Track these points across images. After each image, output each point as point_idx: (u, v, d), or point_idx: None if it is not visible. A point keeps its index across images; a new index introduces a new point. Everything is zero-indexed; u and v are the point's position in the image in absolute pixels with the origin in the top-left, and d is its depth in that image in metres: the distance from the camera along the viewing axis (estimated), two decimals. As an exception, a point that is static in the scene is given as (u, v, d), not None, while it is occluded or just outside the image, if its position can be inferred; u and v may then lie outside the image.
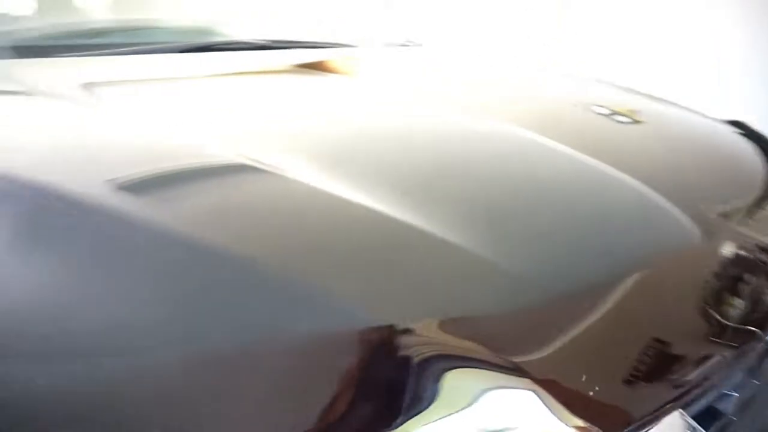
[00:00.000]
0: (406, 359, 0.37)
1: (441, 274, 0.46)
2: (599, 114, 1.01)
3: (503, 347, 0.39)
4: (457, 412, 0.35)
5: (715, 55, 3.00)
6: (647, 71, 3.19)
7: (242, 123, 0.77)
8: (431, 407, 0.35)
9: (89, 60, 1.02)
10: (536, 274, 0.47)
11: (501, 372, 0.38)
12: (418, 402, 0.35)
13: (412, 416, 0.35)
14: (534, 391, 0.37)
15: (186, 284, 0.41)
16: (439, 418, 0.35)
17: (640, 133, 0.96)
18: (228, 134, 0.68)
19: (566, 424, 0.36)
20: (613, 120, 1.00)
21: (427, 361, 0.38)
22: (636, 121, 1.01)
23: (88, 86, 0.85)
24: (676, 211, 0.61)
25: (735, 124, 1.07)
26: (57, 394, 0.36)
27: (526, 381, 0.38)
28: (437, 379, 0.37)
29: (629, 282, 0.49)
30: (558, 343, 0.40)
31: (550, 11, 3.70)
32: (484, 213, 0.56)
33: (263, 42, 1.29)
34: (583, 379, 0.39)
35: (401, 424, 0.35)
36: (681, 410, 0.42)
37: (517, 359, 0.39)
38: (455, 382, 0.37)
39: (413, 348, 0.38)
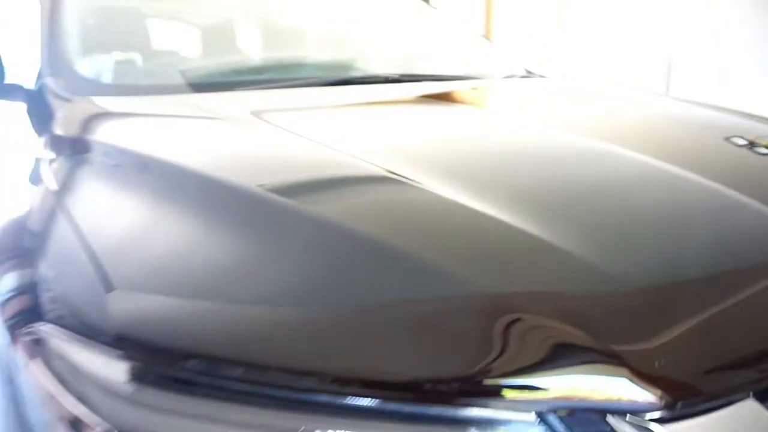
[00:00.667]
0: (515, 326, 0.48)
1: (546, 274, 0.55)
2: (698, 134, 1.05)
3: (596, 329, 0.47)
4: (549, 374, 0.44)
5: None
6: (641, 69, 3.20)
7: (381, 143, 0.91)
8: (530, 364, 0.44)
9: (254, 93, 1.24)
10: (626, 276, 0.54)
11: (593, 348, 0.46)
12: (520, 359, 0.45)
13: (511, 371, 0.44)
14: (619, 366, 0.44)
15: (354, 260, 0.55)
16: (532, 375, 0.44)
17: (732, 149, 0.98)
18: (371, 151, 0.82)
19: (645, 394, 0.43)
20: (710, 139, 1.04)
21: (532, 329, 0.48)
22: (726, 139, 1.03)
23: (256, 113, 1.04)
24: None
25: None
26: (255, 333, 0.49)
27: (614, 359, 0.45)
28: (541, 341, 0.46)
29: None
30: (645, 329, 0.47)
31: (550, 13, 3.78)
32: (587, 220, 0.65)
33: (395, 76, 1.45)
34: (661, 361, 0.45)
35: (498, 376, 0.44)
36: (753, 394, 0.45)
37: (607, 340, 0.46)
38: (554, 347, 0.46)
39: (522, 320, 0.48)
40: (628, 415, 0.43)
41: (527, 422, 0.44)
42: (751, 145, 1.01)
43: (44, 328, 0.54)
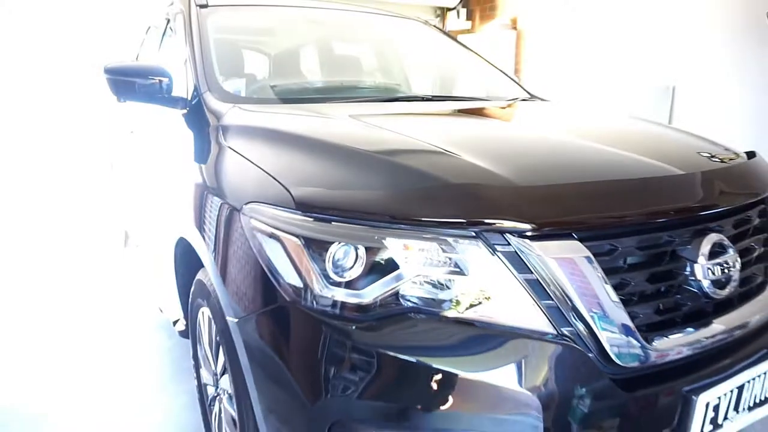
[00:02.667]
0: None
1: (485, 176, 1.13)
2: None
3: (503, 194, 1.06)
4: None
5: None
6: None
7: (429, 133, 1.50)
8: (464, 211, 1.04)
9: (344, 104, 1.87)
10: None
11: (501, 200, 1.04)
12: (467, 207, 1.04)
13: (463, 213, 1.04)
14: (513, 212, 1.03)
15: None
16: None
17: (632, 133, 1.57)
18: (423, 135, 1.41)
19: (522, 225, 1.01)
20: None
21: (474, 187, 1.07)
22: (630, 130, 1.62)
23: (353, 115, 1.64)
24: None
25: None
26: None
27: (510, 207, 1.04)
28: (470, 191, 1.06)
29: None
30: (527, 195, 1.06)
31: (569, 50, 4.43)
32: (524, 160, 1.23)
33: (429, 96, 2.09)
34: (529, 209, 1.04)
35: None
36: (576, 235, 1.03)
37: (506, 198, 1.05)
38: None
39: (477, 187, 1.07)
40: (512, 234, 1.02)
41: (471, 237, 1.03)
42: (642, 133, 1.60)
43: (254, 206, 1.17)
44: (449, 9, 6.20)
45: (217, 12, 2.28)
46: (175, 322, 2.06)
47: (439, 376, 0.97)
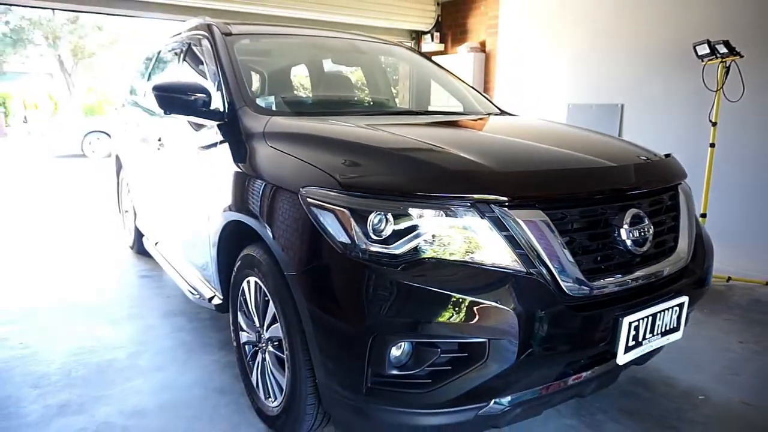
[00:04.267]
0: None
1: (471, 163, 1.60)
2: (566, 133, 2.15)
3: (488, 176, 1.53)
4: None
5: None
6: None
7: (429, 136, 1.96)
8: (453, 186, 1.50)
9: (356, 117, 2.33)
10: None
11: (487, 177, 1.51)
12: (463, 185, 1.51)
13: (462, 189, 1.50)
14: (493, 188, 1.50)
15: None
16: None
17: (581, 138, 2.08)
18: (425, 138, 1.87)
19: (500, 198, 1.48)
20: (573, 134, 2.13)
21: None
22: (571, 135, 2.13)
23: (369, 125, 2.10)
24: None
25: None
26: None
27: (492, 184, 1.51)
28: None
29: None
30: (503, 176, 1.53)
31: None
32: (501, 155, 1.71)
33: (418, 111, 2.57)
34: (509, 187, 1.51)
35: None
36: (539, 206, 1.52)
37: (491, 179, 1.52)
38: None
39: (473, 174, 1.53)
40: (495, 204, 1.49)
41: (467, 207, 1.49)
42: (582, 139, 2.11)
43: (310, 189, 1.61)
44: (424, 33, 6.76)
45: (240, 39, 2.72)
46: (210, 299, 2.45)
47: (446, 299, 1.41)
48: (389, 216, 1.48)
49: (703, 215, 3.75)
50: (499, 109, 3.04)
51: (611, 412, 2.18)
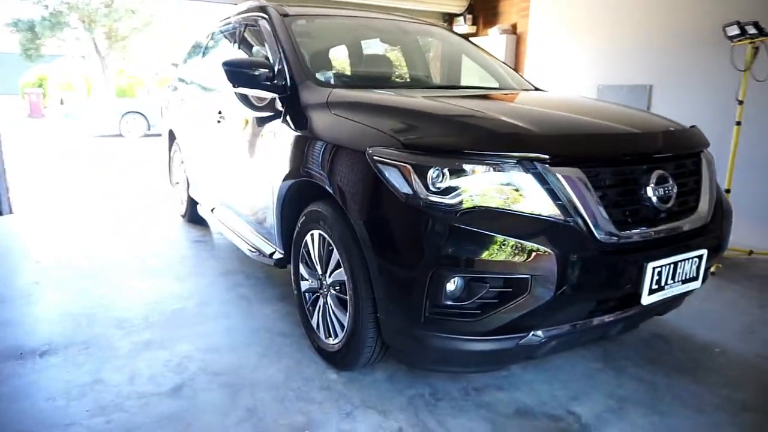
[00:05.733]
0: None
1: (521, 128, 1.83)
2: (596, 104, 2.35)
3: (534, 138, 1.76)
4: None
5: None
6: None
7: (480, 106, 2.19)
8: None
9: (406, 90, 2.58)
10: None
11: (533, 139, 1.74)
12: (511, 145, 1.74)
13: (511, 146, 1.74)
14: (536, 146, 1.73)
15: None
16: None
17: (612, 110, 2.28)
18: (476, 107, 2.11)
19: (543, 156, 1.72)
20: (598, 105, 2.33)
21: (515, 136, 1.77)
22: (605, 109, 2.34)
23: (426, 96, 2.35)
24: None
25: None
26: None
27: (536, 143, 1.74)
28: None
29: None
30: (548, 139, 1.76)
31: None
32: (542, 121, 1.93)
33: (462, 86, 2.79)
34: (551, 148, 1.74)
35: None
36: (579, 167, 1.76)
37: (534, 141, 1.75)
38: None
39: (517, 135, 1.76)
40: (537, 162, 1.73)
41: (514, 163, 1.73)
42: (613, 111, 2.31)
43: (376, 149, 1.86)
44: (456, 15, 6.93)
45: (296, 20, 2.97)
46: (271, 255, 2.74)
47: (495, 241, 1.66)
48: (445, 171, 1.73)
49: (728, 191, 3.90)
50: (533, 86, 3.24)
51: (634, 359, 2.41)
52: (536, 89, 3.22)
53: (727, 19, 3.88)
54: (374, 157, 1.85)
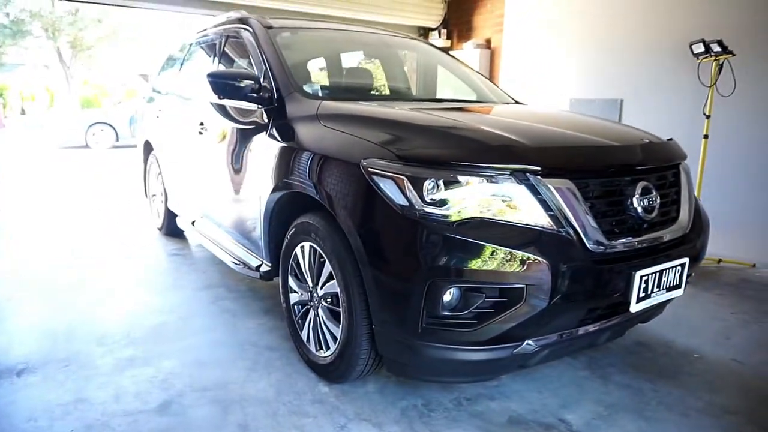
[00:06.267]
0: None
1: (506, 139, 1.87)
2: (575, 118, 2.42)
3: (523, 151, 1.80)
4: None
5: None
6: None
7: (467, 119, 2.23)
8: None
9: (384, 102, 2.61)
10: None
11: (523, 151, 1.79)
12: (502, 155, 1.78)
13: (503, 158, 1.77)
14: (528, 160, 1.77)
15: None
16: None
17: (595, 123, 2.35)
18: (465, 120, 2.15)
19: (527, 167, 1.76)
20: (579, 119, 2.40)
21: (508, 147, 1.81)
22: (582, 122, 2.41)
23: (413, 108, 2.39)
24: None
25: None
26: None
27: (524, 156, 1.78)
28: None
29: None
30: (535, 151, 1.80)
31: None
32: (532, 134, 1.98)
33: (446, 99, 2.83)
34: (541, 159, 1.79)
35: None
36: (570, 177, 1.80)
37: (524, 152, 1.79)
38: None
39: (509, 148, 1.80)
40: (530, 173, 1.77)
41: (507, 175, 1.76)
42: (594, 125, 2.38)
43: (370, 160, 1.87)
44: (431, 29, 7.03)
45: (280, 32, 2.98)
46: (257, 267, 2.71)
47: (490, 251, 1.68)
48: (440, 182, 1.75)
49: (697, 201, 4.05)
50: (513, 99, 3.32)
51: (619, 366, 2.47)
52: (516, 102, 3.30)
53: (694, 37, 4.06)
54: (369, 169, 1.86)
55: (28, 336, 2.65)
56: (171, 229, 4.37)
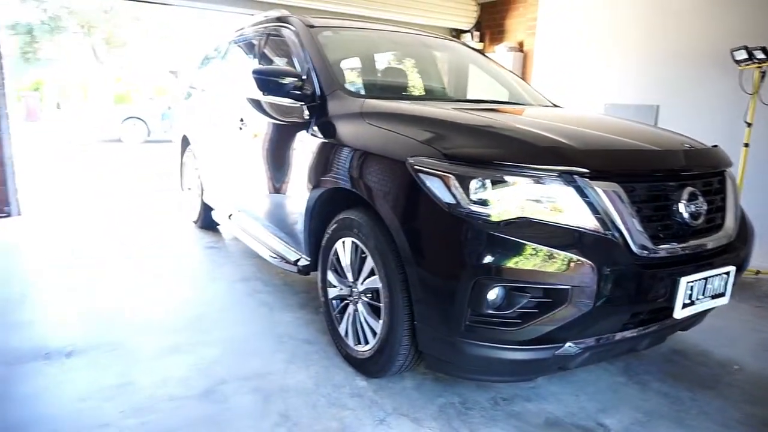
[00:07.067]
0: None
1: (554, 140, 1.88)
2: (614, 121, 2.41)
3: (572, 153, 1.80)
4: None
5: None
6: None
7: (512, 119, 2.25)
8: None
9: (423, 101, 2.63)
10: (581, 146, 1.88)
11: (571, 154, 1.79)
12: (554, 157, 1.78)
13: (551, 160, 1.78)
14: (576, 162, 1.77)
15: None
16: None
17: (640, 128, 2.33)
18: (493, 118, 2.17)
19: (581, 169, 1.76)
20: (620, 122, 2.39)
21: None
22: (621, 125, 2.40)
23: (456, 108, 2.40)
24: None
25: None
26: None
27: (574, 157, 1.78)
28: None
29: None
30: (584, 153, 1.81)
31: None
32: (579, 136, 1.98)
33: (486, 100, 2.85)
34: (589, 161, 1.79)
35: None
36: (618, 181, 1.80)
37: (573, 155, 1.79)
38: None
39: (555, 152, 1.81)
40: (578, 175, 1.77)
41: (555, 176, 1.77)
42: (638, 129, 2.37)
43: (417, 158, 1.90)
44: (464, 31, 7.03)
45: (322, 31, 3.02)
46: (296, 261, 2.75)
47: (537, 252, 1.69)
48: (487, 182, 1.77)
49: (736, 211, 3.98)
50: (551, 102, 3.31)
51: (656, 374, 2.45)
52: (553, 105, 3.29)
53: (735, 43, 3.99)
54: (415, 167, 1.89)
55: (74, 321, 2.74)
56: (206, 222, 4.46)
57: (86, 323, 2.71)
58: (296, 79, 2.61)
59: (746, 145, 4.04)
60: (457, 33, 7.10)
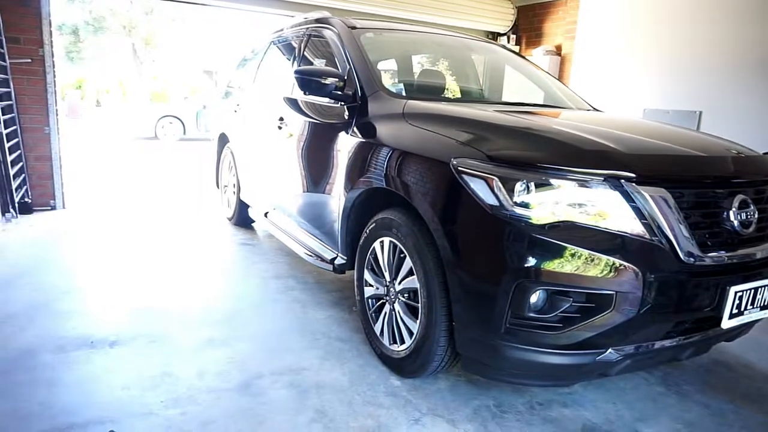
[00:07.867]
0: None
1: (600, 146, 1.85)
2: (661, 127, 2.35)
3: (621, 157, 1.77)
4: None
5: None
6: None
7: (554, 122, 2.23)
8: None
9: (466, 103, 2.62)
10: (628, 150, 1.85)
11: (620, 157, 1.76)
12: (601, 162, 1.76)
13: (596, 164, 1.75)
14: (622, 165, 1.74)
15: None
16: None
17: (686, 133, 2.28)
18: (535, 121, 2.15)
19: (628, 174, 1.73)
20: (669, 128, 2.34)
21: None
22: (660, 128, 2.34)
23: (498, 110, 2.40)
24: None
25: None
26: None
27: (620, 162, 1.75)
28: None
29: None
30: (631, 157, 1.77)
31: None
32: (627, 142, 1.95)
33: (527, 102, 2.82)
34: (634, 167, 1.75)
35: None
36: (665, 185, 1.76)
37: (622, 159, 1.76)
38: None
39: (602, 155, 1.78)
40: (623, 180, 1.74)
41: (601, 181, 1.74)
42: (684, 135, 2.31)
43: (461, 160, 1.90)
44: (501, 34, 6.99)
45: (364, 33, 3.04)
46: (332, 260, 2.78)
47: (581, 256, 1.67)
48: (532, 184, 1.76)
49: (782, 221, 3.85)
50: (591, 106, 3.26)
51: (697, 384, 2.38)
52: (594, 109, 3.24)
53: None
54: (459, 168, 1.88)
55: (116, 312, 2.82)
56: (241, 219, 4.53)
57: (128, 314, 2.79)
58: (338, 79, 2.64)
59: (794, 153, 3.90)
60: (493, 36, 7.06)
